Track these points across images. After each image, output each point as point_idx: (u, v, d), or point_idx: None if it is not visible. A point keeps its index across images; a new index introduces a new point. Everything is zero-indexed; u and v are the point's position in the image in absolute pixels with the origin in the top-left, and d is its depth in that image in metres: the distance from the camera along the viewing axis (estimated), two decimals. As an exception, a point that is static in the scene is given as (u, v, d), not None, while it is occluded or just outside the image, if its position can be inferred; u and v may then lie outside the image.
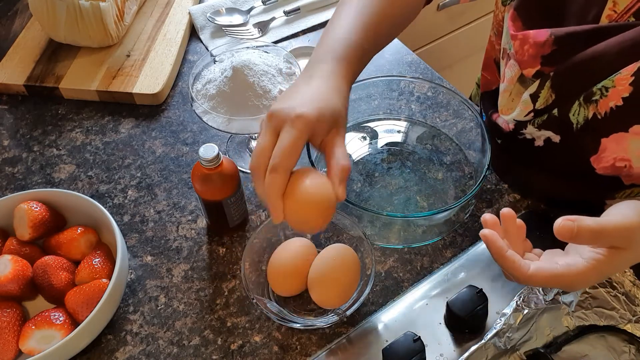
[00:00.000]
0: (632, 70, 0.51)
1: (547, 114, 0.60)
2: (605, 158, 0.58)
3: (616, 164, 0.57)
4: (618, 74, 0.52)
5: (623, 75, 0.52)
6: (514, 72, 0.63)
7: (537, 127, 0.62)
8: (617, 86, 0.52)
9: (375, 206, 0.72)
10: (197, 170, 0.63)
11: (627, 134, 0.54)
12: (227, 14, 0.97)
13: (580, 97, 0.56)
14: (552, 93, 0.58)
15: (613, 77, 0.53)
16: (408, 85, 0.79)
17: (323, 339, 0.62)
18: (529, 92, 0.60)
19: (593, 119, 0.56)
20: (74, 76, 0.87)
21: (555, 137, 0.61)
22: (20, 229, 0.64)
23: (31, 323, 0.58)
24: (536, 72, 0.59)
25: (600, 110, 0.55)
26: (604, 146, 0.57)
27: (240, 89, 0.68)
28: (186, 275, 0.68)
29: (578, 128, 0.58)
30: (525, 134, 0.64)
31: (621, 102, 0.53)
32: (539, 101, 0.60)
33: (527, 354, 0.57)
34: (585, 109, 0.56)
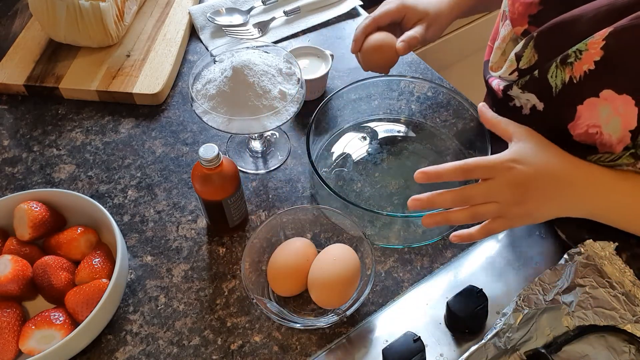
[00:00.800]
0: (603, 35, 0.52)
1: (529, 76, 0.62)
2: (580, 125, 0.59)
3: (589, 130, 0.58)
4: (591, 37, 0.53)
5: (595, 39, 0.53)
6: (507, 31, 0.65)
7: (521, 89, 0.63)
8: (590, 49, 0.54)
9: (375, 206, 0.72)
10: (197, 170, 0.63)
11: (598, 99, 0.56)
12: (227, 14, 0.97)
13: (558, 59, 0.57)
14: (535, 53, 0.60)
15: (586, 40, 0.54)
16: (408, 85, 0.79)
17: (323, 339, 0.62)
18: (515, 51, 0.62)
19: (569, 83, 0.57)
20: (74, 76, 0.87)
21: (540, 104, 0.62)
22: (20, 229, 0.64)
23: (31, 323, 0.58)
24: (524, 30, 0.62)
25: (575, 74, 0.56)
26: (579, 113, 0.58)
27: (240, 89, 0.68)
28: (186, 275, 0.68)
29: (557, 93, 0.59)
30: (513, 98, 0.66)
31: (593, 66, 0.54)
32: (522, 60, 0.61)
33: (527, 354, 0.57)
34: (562, 72, 0.57)
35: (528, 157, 0.57)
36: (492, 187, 0.56)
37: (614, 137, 0.57)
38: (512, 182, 0.56)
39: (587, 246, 0.62)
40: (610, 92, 0.54)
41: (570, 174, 0.57)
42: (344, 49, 0.94)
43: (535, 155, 0.57)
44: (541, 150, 0.58)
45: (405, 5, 0.76)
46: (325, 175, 0.75)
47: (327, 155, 0.78)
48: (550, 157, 0.58)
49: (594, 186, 0.58)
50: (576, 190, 0.57)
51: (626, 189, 0.58)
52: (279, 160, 0.80)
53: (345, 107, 0.80)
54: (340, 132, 0.80)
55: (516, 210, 0.57)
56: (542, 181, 0.56)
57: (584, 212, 0.59)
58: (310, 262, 0.63)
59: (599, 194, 0.58)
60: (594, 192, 0.58)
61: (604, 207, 0.59)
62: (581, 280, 0.61)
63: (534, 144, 0.58)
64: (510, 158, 0.56)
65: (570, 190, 0.57)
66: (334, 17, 0.99)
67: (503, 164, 0.56)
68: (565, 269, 0.61)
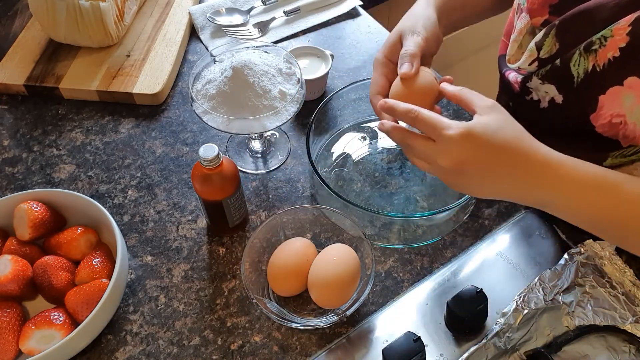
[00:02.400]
0: (630, 20, 0.52)
1: (550, 65, 0.61)
2: (603, 115, 0.58)
3: (613, 120, 0.58)
4: (617, 23, 0.53)
5: (621, 25, 0.53)
6: (524, 23, 0.64)
7: (541, 79, 0.62)
8: (615, 36, 0.53)
9: (375, 206, 0.72)
10: (197, 170, 0.63)
11: (622, 87, 0.55)
12: (227, 14, 0.97)
13: (581, 46, 0.57)
14: (556, 42, 0.59)
15: (612, 26, 0.53)
16: (408, 85, 0.79)
17: (323, 339, 0.62)
18: (535, 41, 0.61)
19: (592, 72, 0.56)
20: (74, 76, 0.87)
21: (559, 97, 0.62)
22: (20, 229, 0.64)
23: (31, 323, 0.58)
24: (544, 21, 0.61)
25: (599, 62, 0.55)
26: (601, 103, 0.58)
27: (240, 89, 0.68)
28: (186, 275, 0.68)
29: (579, 82, 0.58)
30: (531, 92, 0.65)
31: (618, 53, 0.54)
32: (543, 49, 0.61)
33: (527, 354, 0.57)
34: (585, 59, 0.57)
35: (484, 134, 0.52)
36: (431, 152, 0.54)
37: (638, 126, 0.56)
38: (454, 157, 0.52)
39: (587, 246, 0.62)
40: (635, 80, 0.54)
41: (527, 160, 0.53)
42: (344, 49, 0.94)
43: (494, 134, 0.53)
44: (501, 130, 0.53)
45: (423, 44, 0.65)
46: (325, 175, 0.75)
47: (327, 155, 0.78)
48: (509, 138, 0.53)
49: (548, 177, 0.53)
50: (528, 179, 0.53)
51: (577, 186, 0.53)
52: (279, 160, 0.80)
53: (345, 107, 0.80)
54: (340, 132, 0.80)
55: (451, 179, 0.55)
56: (492, 161, 0.53)
57: (530, 201, 0.56)
58: (310, 262, 0.63)
59: (552, 186, 0.53)
60: (546, 183, 0.53)
61: (554, 201, 0.54)
62: (581, 280, 0.61)
63: (496, 122, 0.53)
64: (457, 132, 0.52)
65: (522, 177, 0.53)
66: (334, 17, 0.99)
67: (447, 136, 0.52)
68: (565, 269, 0.61)
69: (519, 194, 0.55)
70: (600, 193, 0.52)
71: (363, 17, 1.00)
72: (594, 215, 0.53)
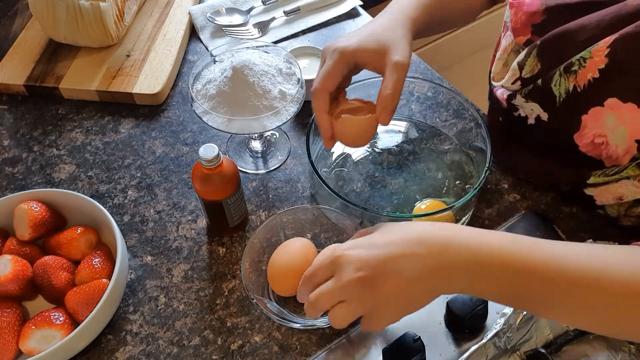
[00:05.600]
0: (608, 42, 0.52)
1: (532, 85, 0.61)
2: (586, 135, 0.58)
3: (595, 140, 0.58)
4: (596, 45, 0.53)
5: (600, 46, 0.53)
6: (509, 41, 0.65)
7: (525, 98, 0.63)
8: (595, 57, 0.54)
9: (375, 206, 0.72)
10: (197, 170, 0.63)
11: (603, 108, 0.55)
12: (227, 14, 0.97)
13: (561, 67, 0.57)
14: (537, 62, 0.60)
15: (591, 48, 0.54)
16: (408, 85, 0.79)
17: (323, 339, 0.62)
18: (517, 60, 0.62)
19: (574, 92, 0.57)
20: (74, 76, 0.87)
21: (544, 114, 0.62)
22: (20, 229, 0.64)
23: (31, 323, 0.58)
24: (527, 40, 0.62)
25: (579, 83, 0.56)
26: (584, 123, 0.58)
27: (240, 89, 0.68)
28: (186, 275, 0.68)
29: (561, 102, 0.58)
30: (518, 108, 0.65)
31: (597, 74, 0.54)
32: (525, 69, 0.61)
33: (527, 354, 0.57)
34: (565, 80, 0.57)
35: (367, 239, 0.49)
36: (333, 286, 0.49)
37: (620, 147, 0.56)
38: (354, 276, 0.47)
39: (587, 246, 0.62)
40: (615, 101, 0.54)
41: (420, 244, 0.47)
42: (344, 49, 0.94)
43: (383, 234, 0.49)
44: (396, 226, 0.50)
45: (344, 54, 0.59)
46: (325, 175, 0.74)
47: (327, 155, 0.78)
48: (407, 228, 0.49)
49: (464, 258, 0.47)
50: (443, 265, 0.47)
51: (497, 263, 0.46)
52: (279, 160, 0.80)
53: (345, 107, 0.80)
54: (340, 132, 0.80)
55: (372, 303, 0.48)
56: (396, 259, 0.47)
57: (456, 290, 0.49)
58: (310, 262, 0.63)
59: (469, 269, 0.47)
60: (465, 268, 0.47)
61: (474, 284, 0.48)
62: (581, 280, 0.61)
63: (389, 225, 0.51)
64: (346, 246, 0.50)
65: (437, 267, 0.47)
66: (334, 17, 0.99)
67: (336, 257, 0.49)
68: (565, 269, 0.61)
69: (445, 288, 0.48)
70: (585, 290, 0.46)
71: (363, 17, 1.00)
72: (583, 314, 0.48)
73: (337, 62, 0.58)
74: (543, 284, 0.46)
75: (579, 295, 0.45)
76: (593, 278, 0.45)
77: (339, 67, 0.59)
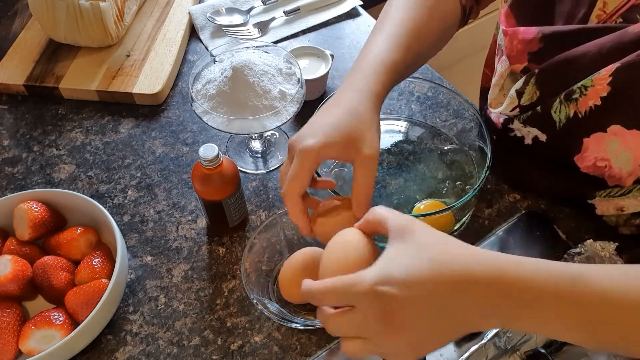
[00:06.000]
0: (610, 70, 0.52)
1: (531, 111, 0.61)
2: (587, 157, 0.58)
3: (597, 163, 0.58)
4: (597, 73, 0.53)
5: (602, 75, 0.52)
6: (505, 67, 0.64)
7: (523, 123, 0.62)
8: (596, 85, 0.53)
9: (375, 206, 0.72)
10: (197, 170, 0.63)
11: (606, 134, 0.55)
12: (227, 14, 0.97)
13: (562, 94, 0.56)
14: (536, 90, 0.59)
15: (592, 76, 0.53)
16: (408, 85, 0.79)
17: (323, 339, 0.62)
18: (515, 88, 0.61)
19: (574, 118, 0.56)
20: (74, 76, 0.87)
21: (542, 135, 0.61)
22: (20, 229, 0.64)
23: (31, 323, 0.58)
24: (524, 68, 0.60)
25: (581, 109, 0.55)
26: (586, 146, 0.57)
27: (240, 89, 0.68)
28: (186, 275, 0.68)
29: (561, 127, 0.58)
30: (515, 131, 0.65)
31: (600, 102, 0.53)
32: (524, 97, 0.61)
33: (527, 354, 0.57)
34: (566, 107, 0.57)
35: (401, 268, 0.42)
36: (353, 321, 0.43)
37: (624, 170, 0.56)
38: (377, 312, 0.41)
39: (587, 246, 0.62)
40: (619, 127, 0.54)
41: (465, 283, 0.41)
42: (344, 49, 0.94)
43: (413, 262, 0.42)
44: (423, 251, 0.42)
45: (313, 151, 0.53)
46: (325, 175, 0.74)
47: (327, 155, 0.78)
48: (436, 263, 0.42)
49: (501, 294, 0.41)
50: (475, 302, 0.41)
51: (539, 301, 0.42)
52: (279, 160, 0.80)
53: (345, 107, 0.80)
54: (340, 132, 0.80)
55: (391, 346, 0.43)
56: (423, 301, 0.41)
57: (488, 326, 0.46)
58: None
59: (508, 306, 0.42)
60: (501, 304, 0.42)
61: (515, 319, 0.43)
62: (581, 280, 0.60)
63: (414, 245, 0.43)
64: (374, 277, 0.41)
65: (465, 305, 0.41)
66: (334, 17, 0.99)
67: (363, 287, 0.41)
68: (566, 269, 0.61)
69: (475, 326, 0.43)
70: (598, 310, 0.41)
71: (363, 17, 1.00)
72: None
73: (303, 164, 0.54)
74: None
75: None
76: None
77: (305, 168, 0.54)
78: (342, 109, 0.56)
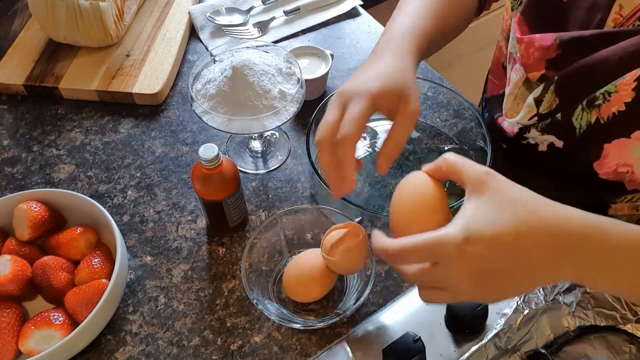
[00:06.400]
0: (635, 76, 0.51)
1: (550, 118, 0.60)
2: (607, 164, 0.57)
3: (619, 169, 0.57)
4: (621, 79, 0.52)
5: (626, 80, 0.51)
6: (519, 75, 0.63)
7: (540, 132, 0.62)
8: (620, 91, 0.52)
9: (375, 206, 0.72)
10: (197, 170, 0.63)
11: (629, 139, 0.54)
12: (227, 13, 0.97)
13: (584, 101, 0.55)
14: (555, 97, 0.58)
15: (616, 82, 0.52)
16: (408, 85, 0.79)
17: (323, 339, 0.62)
18: (533, 96, 0.60)
19: (596, 123, 0.55)
20: (74, 76, 0.87)
21: (559, 142, 0.61)
22: (19, 229, 0.64)
23: (31, 323, 0.58)
24: (541, 75, 0.59)
25: (603, 115, 0.54)
26: (606, 152, 0.56)
27: (240, 89, 0.68)
28: (186, 276, 0.68)
29: (581, 133, 0.57)
30: (529, 139, 0.64)
31: (624, 107, 0.53)
32: (542, 105, 0.60)
33: (528, 354, 0.57)
34: (588, 114, 0.56)
35: (486, 227, 0.42)
36: (436, 275, 0.44)
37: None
38: (468, 278, 0.42)
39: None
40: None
41: (546, 238, 0.42)
42: (344, 49, 0.94)
43: (503, 224, 0.42)
44: (512, 210, 0.43)
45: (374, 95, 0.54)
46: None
47: (327, 155, 0.78)
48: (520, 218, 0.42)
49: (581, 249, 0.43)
50: (555, 258, 0.43)
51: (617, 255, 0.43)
52: (279, 160, 0.80)
53: (345, 107, 0.80)
54: (340, 132, 0.80)
55: (470, 296, 0.44)
56: (515, 254, 0.42)
57: (563, 279, 0.46)
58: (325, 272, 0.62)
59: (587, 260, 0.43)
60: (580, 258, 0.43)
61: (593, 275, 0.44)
62: (581, 281, 0.61)
63: (496, 202, 0.43)
64: (460, 236, 0.42)
65: (545, 259, 0.43)
66: (334, 17, 0.99)
67: (449, 250, 0.42)
68: (566, 269, 0.61)
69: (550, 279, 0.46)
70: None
71: (363, 17, 1.00)
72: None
73: (368, 108, 0.53)
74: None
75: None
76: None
77: (369, 112, 0.53)
78: (387, 65, 0.56)
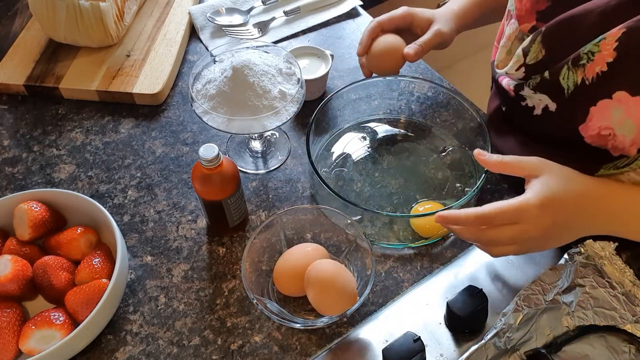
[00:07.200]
0: (616, 35, 0.52)
1: (539, 77, 0.61)
2: (592, 127, 0.58)
3: (601, 132, 0.58)
4: (603, 38, 0.53)
5: (608, 40, 0.53)
6: (513, 29, 0.65)
7: (533, 90, 0.63)
8: (603, 51, 0.53)
9: (375, 206, 0.72)
10: (197, 170, 0.63)
11: (611, 100, 0.55)
12: (227, 14, 0.97)
13: (569, 60, 0.57)
14: (542, 48, 0.59)
15: (598, 41, 0.53)
16: (408, 85, 0.79)
17: (323, 339, 0.62)
18: (522, 47, 0.62)
19: (582, 84, 0.57)
20: (74, 76, 0.87)
21: (552, 104, 0.62)
22: (20, 229, 0.64)
23: (31, 323, 0.58)
24: (531, 27, 0.62)
25: (588, 76, 0.56)
26: (591, 115, 0.58)
27: (240, 89, 0.68)
28: (186, 275, 0.68)
29: (569, 94, 0.58)
30: (526, 99, 0.65)
31: (606, 68, 0.54)
32: (529, 55, 0.61)
33: (527, 354, 0.57)
34: (574, 73, 0.57)
35: (555, 197, 0.56)
36: (516, 233, 0.56)
37: (627, 138, 0.56)
38: (540, 231, 0.56)
39: (587, 246, 0.62)
40: (623, 94, 0.54)
41: (598, 199, 0.58)
42: (344, 49, 0.94)
43: (562, 191, 0.56)
44: (564, 182, 0.57)
45: (410, 13, 0.78)
46: (325, 175, 0.74)
47: (327, 155, 0.78)
48: (575, 186, 0.58)
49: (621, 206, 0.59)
50: (603, 215, 0.59)
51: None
52: (279, 160, 0.80)
53: (345, 107, 0.80)
54: (340, 132, 0.80)
55: (535, 249, 0.60)
56: (571, 220, 0.57)
57: (604, 232, 0.60)
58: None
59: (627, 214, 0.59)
60: (621, 214, 0.59)
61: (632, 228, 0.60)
62: (581, 280, 0.61)
63: (555, 177, 0.57)
64: (537, 204, 0.55)
65: (597, 217, 0.59)
66: (334, 17, 0.99)
67: (530, 212, 0.55)
68: (565, 269, 0.61)
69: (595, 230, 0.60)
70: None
71: (363, 17, 1.00)
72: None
73: (402, 15, 0.78)
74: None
75: None
76: None
77: (400, 17, 0.78)
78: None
